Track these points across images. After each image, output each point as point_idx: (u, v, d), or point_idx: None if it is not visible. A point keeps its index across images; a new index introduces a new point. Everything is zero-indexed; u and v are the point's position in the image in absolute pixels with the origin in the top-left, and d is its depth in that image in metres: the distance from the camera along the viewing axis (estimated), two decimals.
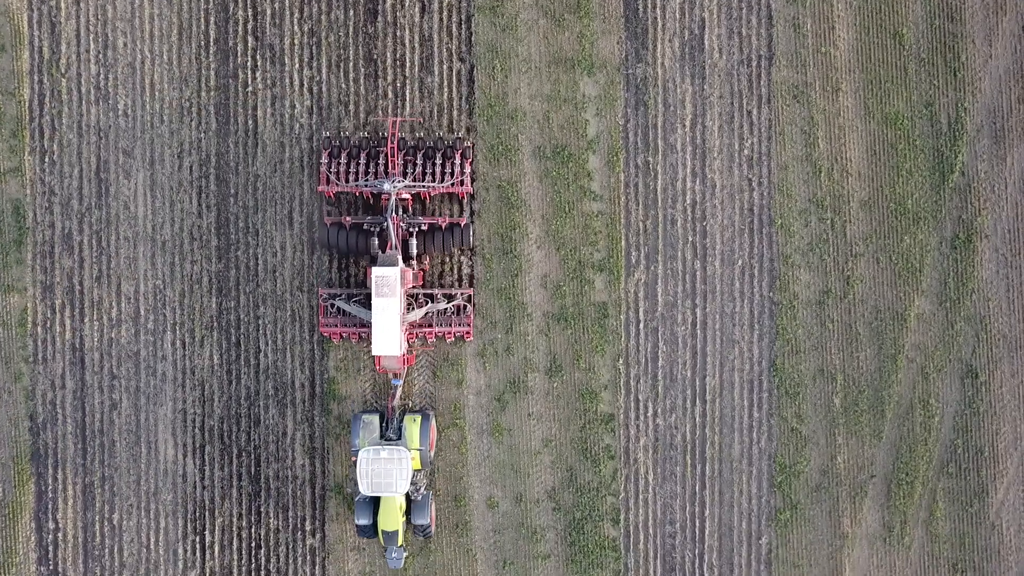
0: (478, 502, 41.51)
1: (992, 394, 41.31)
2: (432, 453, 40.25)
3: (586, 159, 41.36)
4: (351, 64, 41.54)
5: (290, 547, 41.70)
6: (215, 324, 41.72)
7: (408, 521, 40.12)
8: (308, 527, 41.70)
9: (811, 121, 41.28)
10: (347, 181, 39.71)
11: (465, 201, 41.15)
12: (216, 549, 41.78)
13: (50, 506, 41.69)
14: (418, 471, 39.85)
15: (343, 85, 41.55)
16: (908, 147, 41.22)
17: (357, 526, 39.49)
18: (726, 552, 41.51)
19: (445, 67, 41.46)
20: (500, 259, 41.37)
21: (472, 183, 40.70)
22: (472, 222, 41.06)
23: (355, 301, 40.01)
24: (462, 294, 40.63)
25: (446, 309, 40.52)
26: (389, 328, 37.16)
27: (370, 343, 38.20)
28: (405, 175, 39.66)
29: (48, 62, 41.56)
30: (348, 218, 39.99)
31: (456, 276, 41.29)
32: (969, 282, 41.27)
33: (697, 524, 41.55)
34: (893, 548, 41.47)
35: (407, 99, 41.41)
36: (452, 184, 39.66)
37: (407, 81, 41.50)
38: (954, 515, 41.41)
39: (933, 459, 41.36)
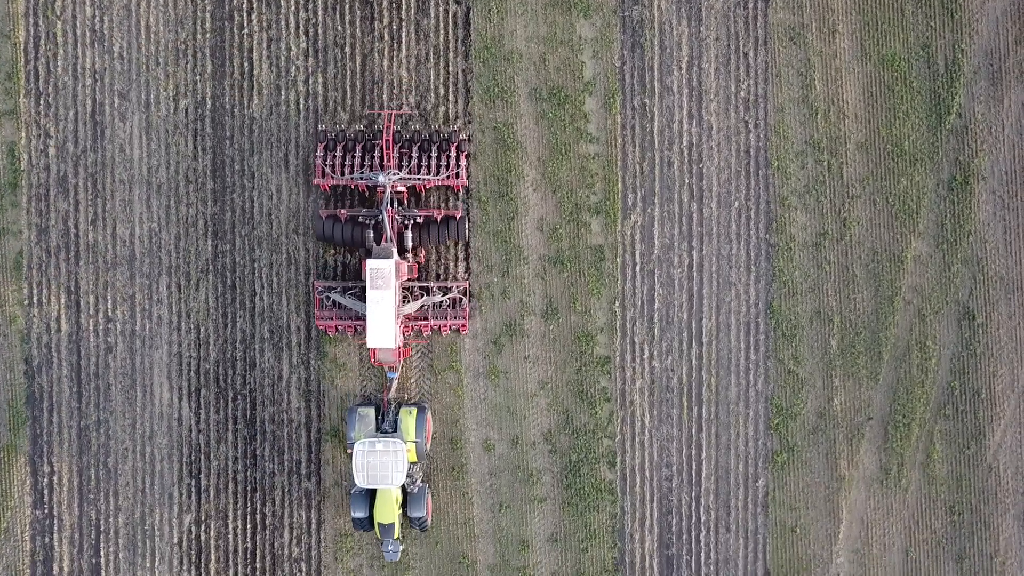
0: (474, 445, 41.42)
1: (989, 336, 41.24)
2: (428, 446, 40.17)
3: (582, 101, 41.27)
4: (347, 6, 41.45)
5: (286, 491, 41.60)
6: (210, 267, 41.62)
7: (404, 514, 40.01)
8: (304, 470, 41.61)
9: (808, 63, 41.20)
10: (342, 174, 39.66)
11: (460, 194, 41.05)
12: (211, 493, 41.68)
13: (45, 450, 41.60)
14: (414, 464, 39.77)
15: (339, 27, 41.46)
16: (905, 89, 41.14)
17: (353, 519, 39.41)
18: (723, 495, 41.42)
19: (441, 9, 41.37)
20: (496, 202, 41.27)
21: (468, 176, 40.61)
22: (468, 215, 40.94)
23: (350, 294, 39.93)
24: (458, 287, 40.54)
25: (442, 302, 40.42)
26: (384, 321, 37.07)
27: (365, 336, 38.08)
28: (400, 168, 39.60)
29: (43, 4, 41.46)
30: (343, 211, 39.94)
31: (452, 269, 41.23)
32: (966, 224, 41.19)
33: (694, 467, 41.46)
34: (890, 490, 41.38)
35: (403, 41, 41.32)
36: (447, 177, 39.61)
37: (403, 23, 41.41)
38: (951, 457, 41.33)
39: (930, 401, 41.28)
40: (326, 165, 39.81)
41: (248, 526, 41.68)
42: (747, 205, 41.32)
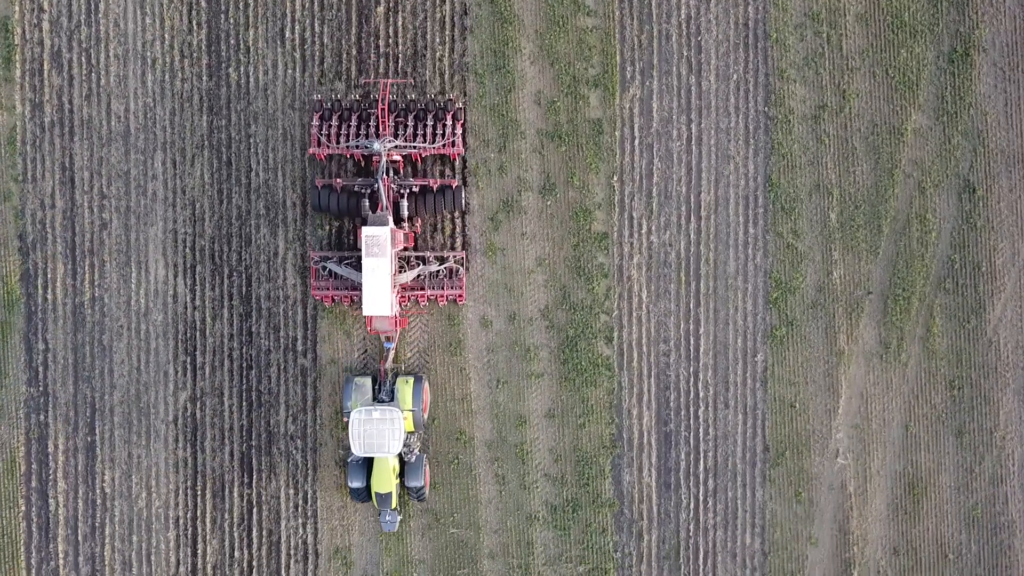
0: (472, 321, 41.16)
1: (990, 209, 40.98)
2: (425, 416, 39.93)
3: None
4: None
5: (281, 368, 41.36)
6: (206, 143, 41.35)
7: (402, 484, 39.77)
8: (299, 347, 41.37)
9: None
10: (338, 143, 39.37)
11: (457, 163, 40.73)
12: (207, 370, 41.45)
13: (40, 327, 41.35)
14: (411, 433, 39.55)
15: None
16: None
17: (350, 489, 39.25)
18: (721, 370, 41.19)
19: None
20: (493, 75, 40.98)
21: (464, 145, 40.29)
22: (464, 184, 40.64)
23: (346, 264, 39.67)
24: (454, 257, 40.27)
25: (438, 272, 40.16)
26: (380, 288, 36.83)
27: (361, 306, 37.83)
28: (396, 136, 39.28)
29: None
30: (339, 180, 39.68)
31: (448, 238, 40.99)
32: (966, 96, 40.89)
33: (692, 342, 41.22)
34: (890, 365, 41.14)
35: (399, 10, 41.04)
36: (443, 145, 39.34)
37: None
38: (951, 331, 41.09)
39: (930, 275, 41.02)
40: (322, 135, 39.53)
41: (244, 403, 41.46)
42: (745, 78, 41.03)
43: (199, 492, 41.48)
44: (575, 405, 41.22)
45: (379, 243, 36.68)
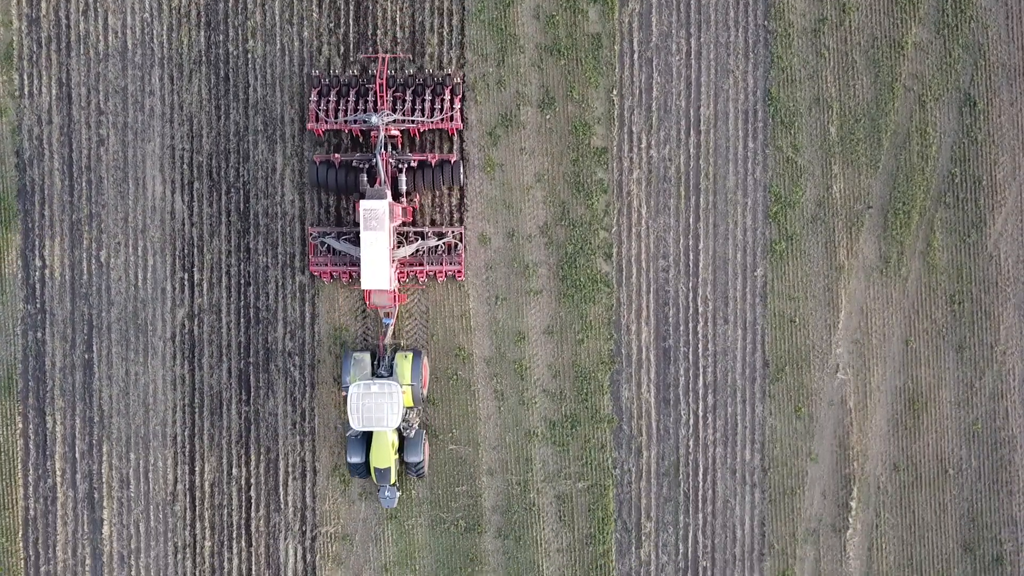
0: (470, 239, 40.99)
1: (991, 123, 40.79)
2: (424, 391, 39.78)
3: None
4: None
5: (279, 284, 41.23)
6: (203, 58, 41.17)
7: (401, 460, 39.63)
8: (297, 264, 41.21)
9: None
10: (336, 119, 39.18)
11: (455, 138, 40.50)
12: (205, 287, 41.31)
13: (37, 244, 41.22)
14: (410, 408, 39.42)
15: None
16: None
17: (349, 464, 39.09)
18: (720, 285, 41.03)
19: None
20: None
21: (462, 119, 40.08)
22: (463, 159, 40.44)
23: (345, 239, 39.49)
24: (453, 232, 40.07)
25: (437, 247, 39.98)
26: (378, 261, 36.65)
27: (360, 280, 37.57)
28: (394, 111, 39.07)
29: None
30: (337, 155, 39.50)
31: (447, 214, 40.87)
32: (967, 9, 40.68)
33: (691, 257, 41.05)
34: (890, 280, 40.98)
35: None
36: (441, 120, 39.13)
37: None
38: (951, 246, 40.93)
39: (930, 189, 40.86)
40: (320, 110, 39.30)
41: (241, 320, 41.32)
42: None
43: (197, 409, 41.37)
44: (574, 321, 41.07)
45: (377, 216, 36.50)
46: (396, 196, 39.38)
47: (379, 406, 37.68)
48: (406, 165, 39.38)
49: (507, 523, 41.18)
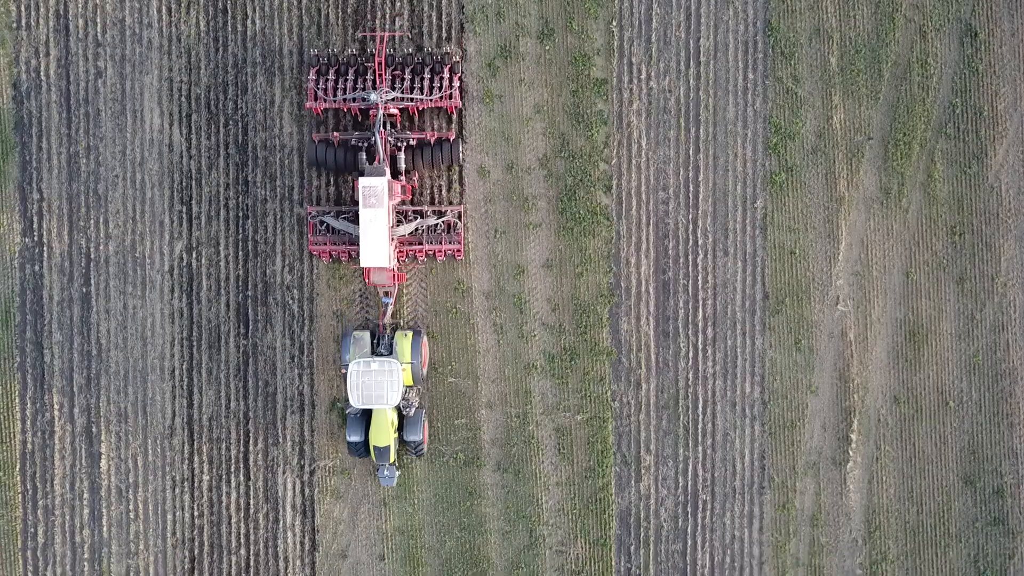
0: (469, 171, 40.82)
1: (992, 54, 40.59)
2: (424, 370, 39.65)
3: None
4: None
5: (277, 217, 41.07)
6: None
7: (400, 438, 39.52)
8: (296, 196, 41.04)
9: None
10: (335, 97, 39.01)
11: (454, 117, 40.33)
12: (203, 220, 41.16)
13: (34, 176, 41.06)
14: (410, 387, 39.34)
15: None
16: None
17: (348, 443, 38.97)
18: (720, 217, 40.87)
19: None
20: None
21: (461, 97, 39.94)
22: (461, 138, 40.22)
23: (344, 218, 39.35)
24: (452, 211, 39.87)
25: (436, 226, 39.81)
26: (377, 239, 36.52)
27: (359, 259, 37.48)
28: (393, 89, 38.87)
29: None
30: (336, 134, 39.37)
31: (446, 192, 40.70)
32: None
33: (691, 189, 40.89)
34: (890, 211, 40.82)
35: None
36: (440, 98, 38.97)
37: None
38: (952, 177, 40.76)
39: (931, 120, 40.68)
40: (318, 89, 39.12)
41: (240, 253, 41.17)
42: None
43: (195, 343, 41.24)
44: (573, 254, 40.92)
45: (376, 193, 36.36)
46: (395, 174, 39.25)
47: (379, 384, 37.60)
48: (405, 143, 39.29)
49: (506, 456, 41.06)
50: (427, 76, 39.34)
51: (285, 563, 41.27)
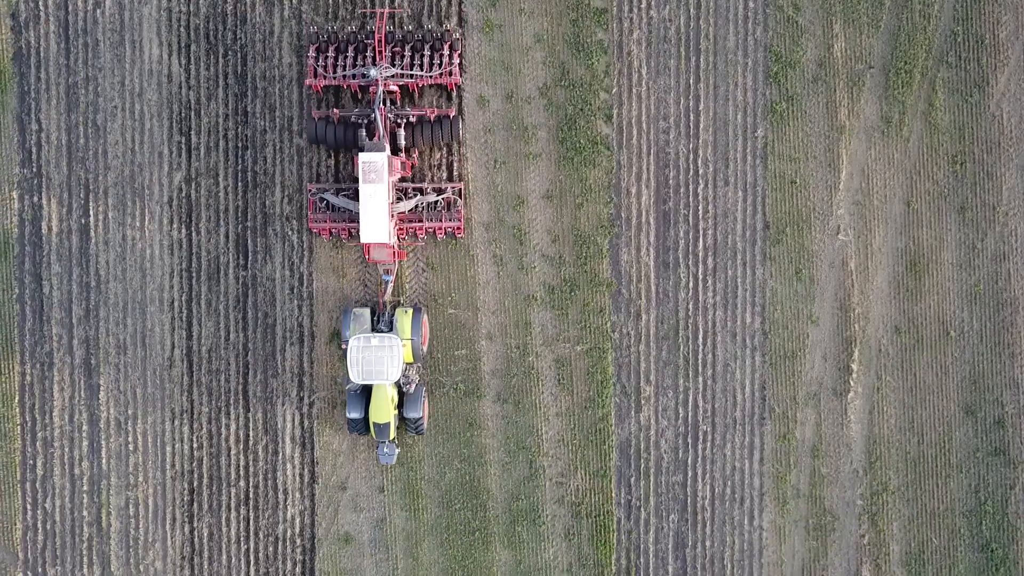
0: (468, 101, 40.70)
1: None
2: (424, 348, 39.52)
3: None
4: None
5: (277, 148, 40.95)
6: None
7: (400, 416, 39.41)
8: (295, 127, 40.93)
9: None
10: (334, 74, 38.88)
11: (454, 93, 40.14)
12: (202, 150, 41.06)
13: (33, 107, 40.97)
14: (410, 364, 39.21)
15: None
16: None
17: (348, 420, 38.88)
18: (721, 146, 40.74)
19: None
20: None
21: (461, 74, 39.78)
22: (461, 114, 40.08)
23: (344, 195, 39.22)
24: (452, 188, 39.73)
25: (436, 203, 39.65)
26: (377, 215, 36.38)
27: (359, 236, 37.28)
28: (393, 66, 38.73)
29: None
30: (336, 111, 39.24)
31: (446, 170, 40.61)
32: None
33: (691, 118, 40.75)
34: (891, 140, 40.68)
35: None
36: (440, 74, 38.81)
37: None
38: (954, 106, 40.61)
39: (932, 48, 40.52)
40: (318, 66, 38.99)
41: (239, 184, 41.07)
42: None
43: (194, 274, 41.15)
44: (573, 185, 40.80)
45: (376, 169, 36.24)
46: (395, 151, 39.08)
47: (379, 359, 37.51)
48: (405, 120, 39.15)
49: (506, 387, 40.97)
50: (427, 53, 39.21)
51: (284, 495, 41.21)
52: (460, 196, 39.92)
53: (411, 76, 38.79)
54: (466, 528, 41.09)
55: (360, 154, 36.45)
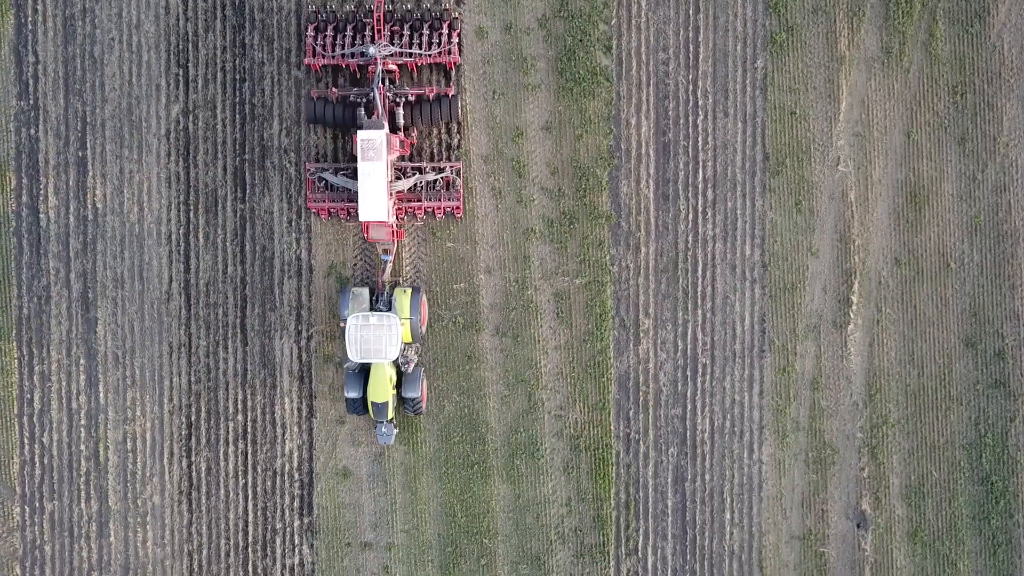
0: (467, 32, 40.50)
1: None
2: (423, 328, 39.35)
3: None
4: None
5: (274, 80, 40.76)
6: None
7: (398, 396, 39.24)
8: (293, 59, 40.73)
9: None
10: (333, 52, 38.72)
11: (453, 72, 39.93)
12: (199, 83, 40.89)
13: (29, 39, 40.79)
14: (409, 344, 39.04)
15: None
16: None
17: (346, 400, 38.73)
18: (720, 78, 40.56)
19: None
20: None
21: (460, 53, 39.58)
22: (460, 93, 39.85)
23: (342, 174, 39.05)
24: (451, 167, 39.53)
25: (435, 182, 39.44)
26: (376, 193, 36.20)
27: (358, 215, 37.10)
28: (391, 45, 38.56)
29: None
30: (335, 90, 39.02)
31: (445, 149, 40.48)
32: None
33: (691, 49, 40.57)
34: (891, 71, 40.50)
35: None
36: (439, 53, 38.63)
37: None
38: (954, 36, 40.41)
39: None
40: (316, 45, 38.81)
41: (237, 116, 40.91)
42: None
43: (192, 207, 41.00)
44: (572, 116, 40.62)
45: (375, 147, 36.06)
46: (394, 130, 38.87)
47: (377, 338, 37.36)
48: (403, 99, 38.96)
49: (505, 321, 40.83)
50: (426, 32, 39.05)
51: (283, 429, 41.10)
52: (459, 175, 39.69)
53: (410, 55, 38.64)
54: (465, 462, 40.98)
55: (359, 132, 36.30)
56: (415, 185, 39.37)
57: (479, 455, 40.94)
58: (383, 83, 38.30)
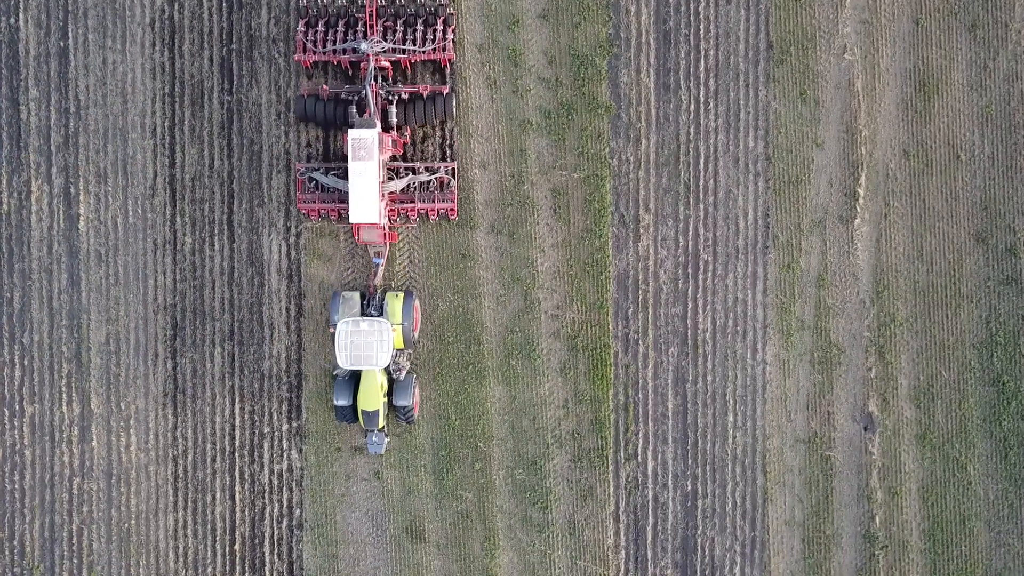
0: None
1: None
2: (416, 334, 38.26)
3: None
4: None
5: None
6: None
7: (390, 404, 38.13)
8: None
9: None
10: (324, 48, 37.68)
11: (447, 70, 38.76)
12: None
13: None
14: (401, 351, 37.95)
15: None
16: None
17: (336, 408, 37.64)
18: None
19: None
20: None
21: (454, 50, 38.43)
22: (454, 91, 38.67)
23: (333, 174, 37.97)
24: (445, 168, 38.36)
25: (429, 183, 38.30)
26: (367, 193, 35.20)
27: (348, 216, 36.11)
28: (384, 41, 37.46)
29: None
30: (326, 87, 37.94)
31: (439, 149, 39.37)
32: None
33: None
34: None
35: None
36: (433, 50, 37.55)
37: None
38: None
39: None
40: (307, 41, 37.76)
41: (224, 4, 39.74)
42: None
43: (177, 99, 39.77)
44: (570, 3, 39.36)
45: (366, 146, 35.09)
46: (386, 129, 37.69)
47: (368, 344, 36.25)
48: (396, 97, 37.81)
49: (500, 217, 39.56)
50: (420, 28, 37.94)
51: (271, 329, 39.85)
52: (453, 176, 38.53)
53: (403, 51, 37.48)
54: (459, 362, 39.70)
55: (350, 131, 35.29)
56: (408, 186, 38.16)
57: (474, 356, 39.67)
58: (376, 80, 37.12)
